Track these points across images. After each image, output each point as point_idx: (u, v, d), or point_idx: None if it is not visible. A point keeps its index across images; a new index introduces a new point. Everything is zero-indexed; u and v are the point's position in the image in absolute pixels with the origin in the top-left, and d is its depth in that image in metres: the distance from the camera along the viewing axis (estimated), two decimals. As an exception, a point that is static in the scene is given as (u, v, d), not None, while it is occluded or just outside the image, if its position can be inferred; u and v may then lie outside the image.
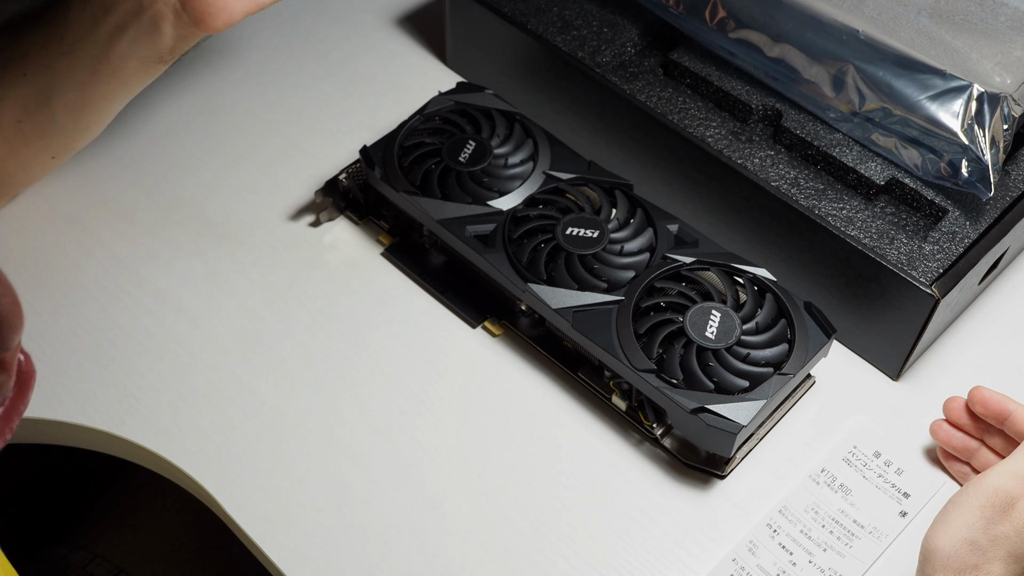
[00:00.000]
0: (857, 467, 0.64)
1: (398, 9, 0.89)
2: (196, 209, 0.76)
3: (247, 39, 0.86)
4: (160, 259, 0.73)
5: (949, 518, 0.55)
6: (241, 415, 0.66)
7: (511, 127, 0.73)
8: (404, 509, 0.62)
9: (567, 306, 0.64)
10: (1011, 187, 0.68)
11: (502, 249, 0.67)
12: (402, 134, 0.72)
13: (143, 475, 0.69)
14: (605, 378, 0.65)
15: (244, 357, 0.68)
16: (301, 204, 0.76)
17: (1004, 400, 0.61)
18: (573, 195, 0.69)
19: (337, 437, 0.65)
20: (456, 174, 0.70)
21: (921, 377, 0.69)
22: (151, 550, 0.75)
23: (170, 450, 0.64)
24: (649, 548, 0.61)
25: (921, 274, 0.64)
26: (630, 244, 0.67)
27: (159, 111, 0.81)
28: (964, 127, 0.64)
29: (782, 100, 0.71)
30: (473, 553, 0.61)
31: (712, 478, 0.64)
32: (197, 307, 0.70)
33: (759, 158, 0.69)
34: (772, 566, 0.60)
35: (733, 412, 0.60)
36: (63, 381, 0.66)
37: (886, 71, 0.66)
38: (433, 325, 0.70)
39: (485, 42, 0.80)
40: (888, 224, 0.67)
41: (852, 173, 0.68)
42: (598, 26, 0.76)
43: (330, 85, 0.84)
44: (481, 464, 0.64)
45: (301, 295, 0.71)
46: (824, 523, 0.62)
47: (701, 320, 0.63)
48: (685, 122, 0.71)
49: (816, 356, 0.63)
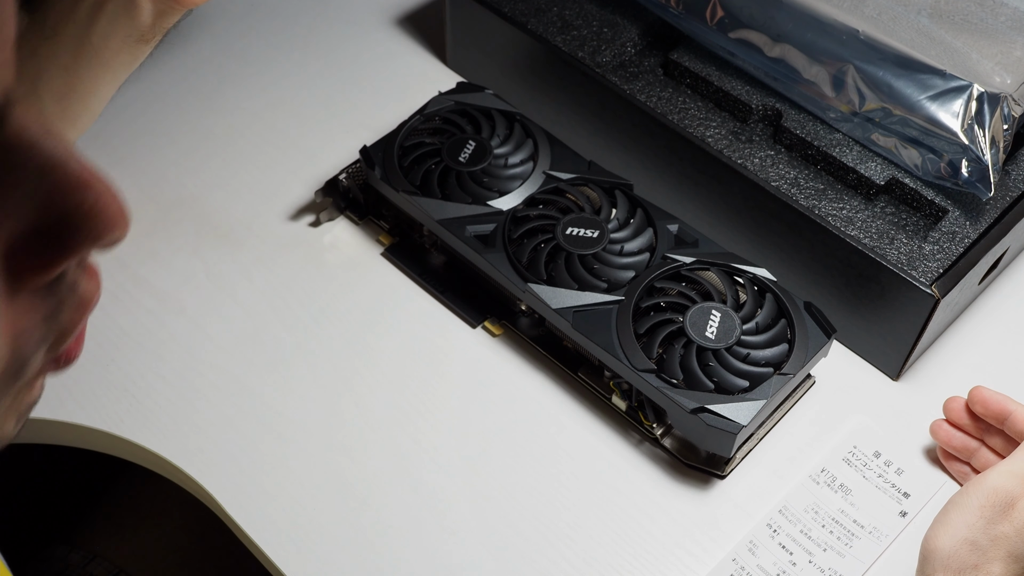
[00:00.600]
0: (857, 467, 0.64)
1: (398, 9, 0.89)
2: (196, 209, 0.76)
3: (247, 39, 0.86)
4: (160, 259, 0.73)
5: (949, 518, 0.55)
6: (241, 415, 0.66)
7: (511, 127, 0.73)
8: (404, 509, 0.62)
9: (567, 306, 0.64)
10: (1011, 187, 0.68)
11: (502, 249, 0.67)
12: (402, 134, 0.72)
13: (143, 475, 0.69)
14: (605, 378, 0.65)
15: (244, 357, 0.68)
16: (301, 204, 0.76)
17: (1004, 400, 0.61)
18: (573, 195, 0.69)
19: (337, 437, 0.65)
20: (456, 174, 0.70)
21: (921, 377, 0.69)
22: (151, 550, 0.75)
23: (170, 450, 0.64)
24: (649, 548, 0.61)
25: (921, 274, 0.64)
26: (630, 244, 0.67)
27: (159, 111, 0.81)
28: (964, 127, 0.64)
29: (782, 100, 0.71)
30: (473, 553, 0.61)
31: (712, 478, 0.64)
32: (197, 307, 0.70)
33: (759, 158, 0.69)
34: (772, 566, 0.60)
35: (733, 412, 0.60)
36: (63, 381, 0.66)
37: (886, 71, 0.66)
38: (433, 325, 0.70)
39: (485, 42, 0.80)
40: (888, 224, 0.67)
41: (852, 173, 0.68)
42: (598, 26, 0.76)
43: (330, 85, 0.84)
44: (481, 464, 0.64)
45: (301, 295, 0.71)
46: (824, 523, 0.62)
47: (701, 320, 0.63)
48: (685, 122, 0.71)
49: (816, 356, 0.63)
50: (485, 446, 0.65)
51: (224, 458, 0.64)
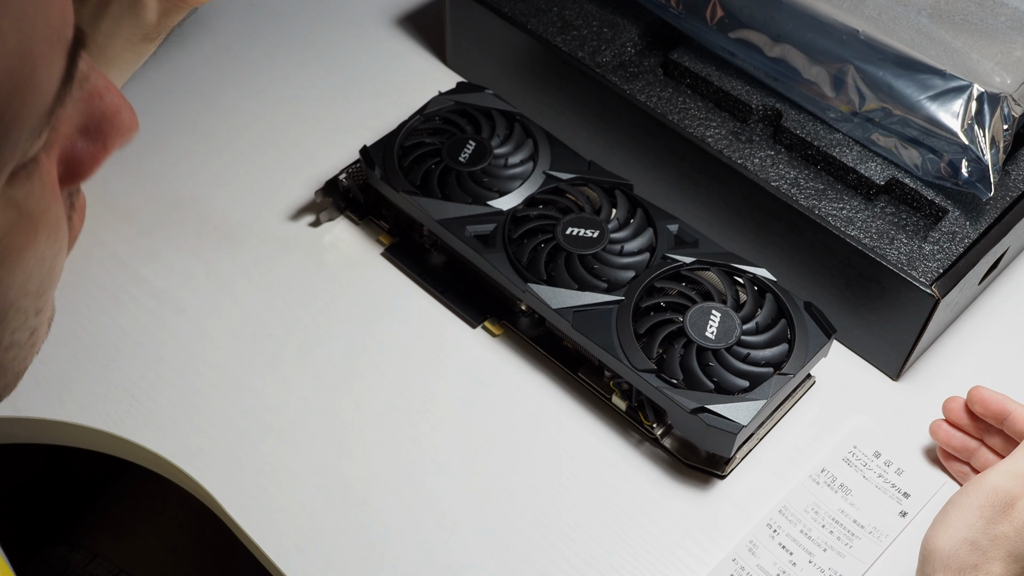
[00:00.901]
0: (857, 467, 0.64)
1: (398, 9, 0.89)
2: (196, 209, 0.76)
3: (247, 39, 0.86)
4: (160, 259, 0.73)
5: (949, 518, 0.55)
6: (241, 415, 0.66)
7: (511, 127, 0.73)
8: (404, 509, 0.62)
9: (567, 306, 0.64)
10: (1011, 187, 0.68)
11: (502, 249, 0.67)
12: (402, 134, 0.72)
13: (143, 475, 0.69)
14: (605, 378, 0.65)
15: (244, 357, 0.68)
16: (301, 204, 0.76)
17: (1004, 400, 0.61)
18: (573, 195, 0.69)
19: (337, 437, 0.65)
20: (456, 174, 0.70)
21: (921, 377, 0.69)
22: (151, 550, 0.75)
23: (170, 450, 0.64)
24: (649, 548, 0.61)
25: (921, 274, 0.64)
26: (630, 244, 0.67)
27: (159, 111, 0.81)
28: (964, 127, 0.64)
29: (782, 100, 0.71)
30: (473, 553, 0.61)
31: (712, 478, 0.64)
32: (197, 307, 0.70)
33: (759, 158, 0.69)
34: (772, 566, 0.60)
35: (733, 412, 0.60)
36: (63, 381, 0.66)
37: (886, 71, 0.66)
38: (433, 325, 0.70)
39: (485, 42, 0.80)
40: (888, 224, 0.67)
41: (852, 173, 0.68)
42: (598, 26, 0.76)
43: (330, 85, 0.84)
44: (481, 464, 0.64)
45: (301, 295, 0.71)
46: (824, 523, 0.62)
47: (701, 320, 0.63)
48: (685, 122, 0.71)
49: (816, 356, 0.63)
50: (485, 446, 0.65)
51: (224, 458, 0.64)
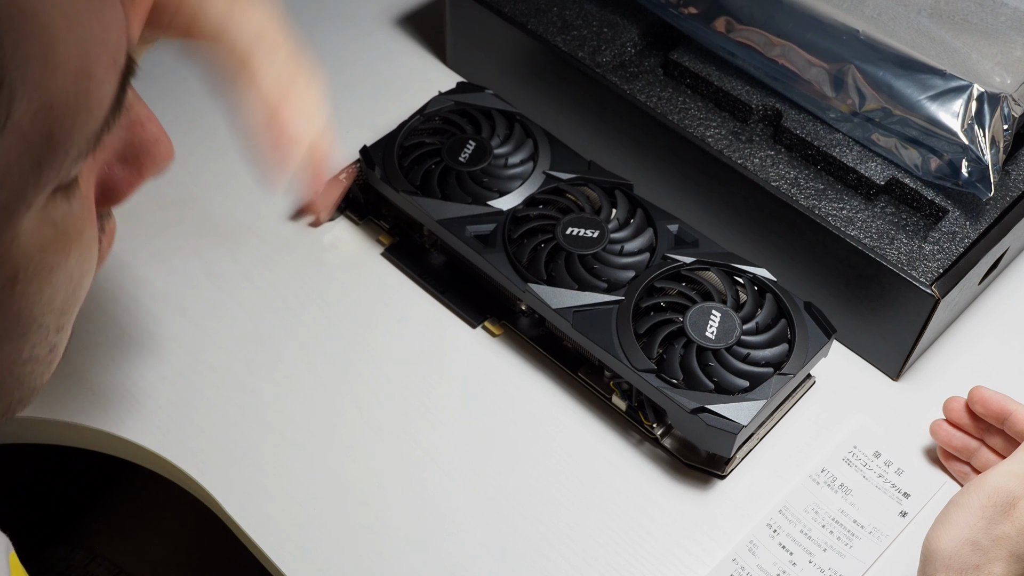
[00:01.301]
0: (857, 467, 0.64)
1: (398, 9, 0.89)
2: (196, 209, 0.76)
3: (247, 39, 0.86)
4: (160, 259, 0.73)
5: (950, 518, 0.55)
6: (241, 415, 0.66)
7: (511, 127, 0.73)
8: (404, 509, 0.62)
9: (567, 306, 0.64)
10: (1011, 187, 0.68)
11: (502, 249, 0.67)
12: (402, 134, 0.72)
13: (143, 475, 0.69)
14: (605, 378, 0.65)
15: (244, 357, 0.68)
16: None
17: (1004, 400, 0.61)
18: (573, 195, 0.69)
19: (337, 437, 0.65)
20: (456, 174, 0.70)
21: (921, 377, 0.69)
22: (151, 550, 0.75)
23: (170, 450, 0.64)
24: (649, 548, 0.61)
25: (921, 274, 0.64)
26: (630, 244, 0.67)
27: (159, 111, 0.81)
28: (964, 127, 0.64)
29: (782, 100, 0.71)
30: (473, 553, 0.61)
31: (712, 478, 0.64)
32: (198, 307, 0.70)
33: (759, 158, 0.69)
34: (772, 566, 0.60)
35: (733, 412, 0.59)
36: (63, 381, 0.66)
37: (886, 71, 0.66)
38: (433, 325, 0.70)
39: (485, 42, 0.80)
40: (888, 224, 0.67)
41: (852, 173, 0.68)
42: (598, 26, 0.76)
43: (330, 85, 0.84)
44: (481, 464, 0.64)
45: (301, 295, 0.71)
46: (824, 523, 0.62)
47: (701, 320, 0.63)
48: (685, 122, 0.71)
49: (816, 356, 0.63)
50: (485, 446, 0.65)
51: (224, 458, 0.64)
